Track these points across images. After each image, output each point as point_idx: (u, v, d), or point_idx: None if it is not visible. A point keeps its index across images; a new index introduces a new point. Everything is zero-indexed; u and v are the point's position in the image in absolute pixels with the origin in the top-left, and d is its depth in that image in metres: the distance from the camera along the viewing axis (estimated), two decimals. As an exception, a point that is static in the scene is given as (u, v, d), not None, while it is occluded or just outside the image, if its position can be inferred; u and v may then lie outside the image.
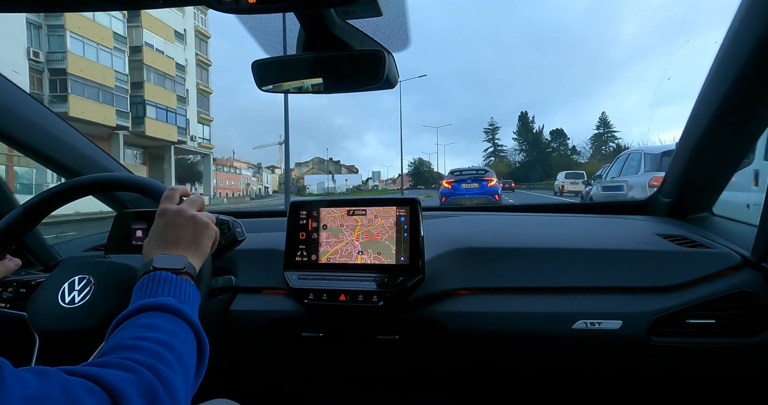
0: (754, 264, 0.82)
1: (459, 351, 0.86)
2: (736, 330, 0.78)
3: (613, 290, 0.83)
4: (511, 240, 0.94)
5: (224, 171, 48.05)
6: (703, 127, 0.90)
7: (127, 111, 21.98)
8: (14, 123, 0.91)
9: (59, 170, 1.04)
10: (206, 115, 30.07)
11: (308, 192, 61.01)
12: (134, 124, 22.67)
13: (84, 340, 0.61)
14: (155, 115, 24.01)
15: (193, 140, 27.71)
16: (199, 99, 29.16)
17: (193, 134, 27.55)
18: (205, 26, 29.91)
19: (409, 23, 0.72)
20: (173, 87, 25.74)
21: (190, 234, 0.60)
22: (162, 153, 26.04)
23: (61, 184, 0.74)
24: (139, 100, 23.08)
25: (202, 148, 29.14)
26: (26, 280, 0.78)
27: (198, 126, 28.60)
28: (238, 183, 50.31)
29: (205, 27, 29.92)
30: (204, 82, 30.21)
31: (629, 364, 0.83)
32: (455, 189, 9.54)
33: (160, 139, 24.47)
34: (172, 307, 0.49)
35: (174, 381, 0.40)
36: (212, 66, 30.95)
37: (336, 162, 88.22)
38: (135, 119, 22.79)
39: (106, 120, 20.44)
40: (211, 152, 30.30)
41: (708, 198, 1.09)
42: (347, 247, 0.87)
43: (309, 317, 0.87)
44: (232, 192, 45.43)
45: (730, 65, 0.78)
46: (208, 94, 30.87)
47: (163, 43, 24.66)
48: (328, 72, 0.72)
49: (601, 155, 58.12)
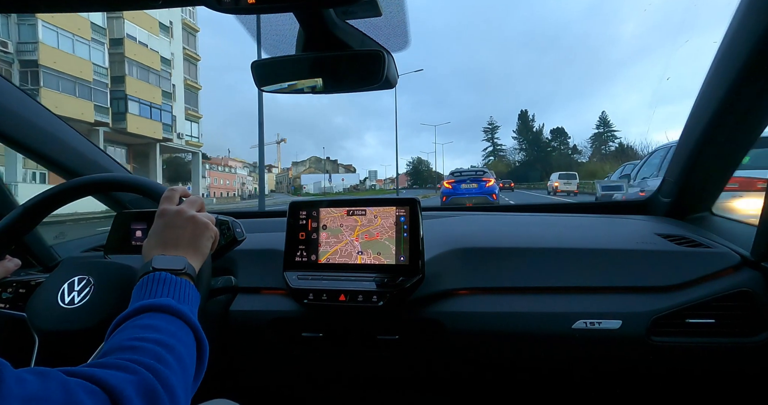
0: (754, 264, 0.82)
1: (459, 351, 0.86)
2: (736, 330, 0.78)
3: (613, 290, 0.83)
4: (510, 240, 0.94)
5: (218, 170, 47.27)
6: (702, 126, 0.90)
7: (106, 106, 20.42)
8: (14, 123, 0.91)
9: (59, 170, 1.03)
10: (195, 112, 28.42)
11: (305, 192, 60.31)
12: (115, 121, 21.15)
13: (83, 340, 0.61)
14: (138, 110, 22.34)
15: (181, 138, 26.04)
16: (187, 95, 27.63)
17: (180, 131, 25.96)
18: (193, 19, 28.44)
19: (409, 23, 0.72)
20: (158, 82, 23.99)
21: (189, 234, 0.60)
22: (147, 151, 24.42)
23: (60, 185, 0.74)
24: (120, 95, 21.48)
25: (190, 146, 27.34)
26: (26, 280, 0.78)
27: (186, 123, 26.99)
28: (232, 182, 49.93)
29: (193, 20, 28.40)
30: (192, 78, 28.45)
31: (629, 364, 0.83)
32: (455, 189, 9.96)
33: (143, 137, 22.98)
34: (171, 308, 0.49)
35: (174, 382, 0.40)
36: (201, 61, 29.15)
37: (333, 161, 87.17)
38: (116, 115, 21.30)
39: (83, 115, 18.75)
40: (200, 151, 28.57)
41: (707, 198, 1.09)
42: (347, 248, 0.87)
43: (309, 317, 0.87)
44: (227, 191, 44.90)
45: (730, 65, 0.78)
46: (197, 90, 29.13)
47: (147, 36, 23.14)
48: (328, 72, 0.72)
49: (601, 155, 58.02)
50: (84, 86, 19.32)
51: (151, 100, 23.32)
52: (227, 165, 52.24)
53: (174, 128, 25.32)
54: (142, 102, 22.63)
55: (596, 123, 64.75)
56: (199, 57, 28.99)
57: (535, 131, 70.41)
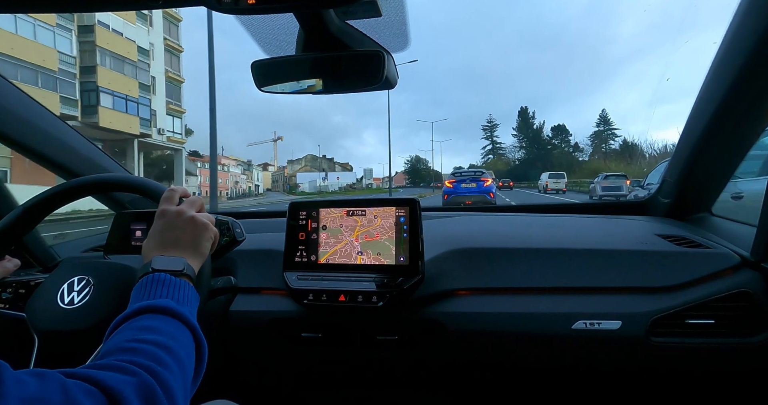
0: (754, 264, 0.82)
1: (458, 351, 0.86)
2: (736, 330, 0.78)
3: (613, 290, 0.83)
4: (510, 240, 0.94)
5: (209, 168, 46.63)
6: (702, 127, 0.90)
7: (75, 98, 18.58)
8: (14, 124, 0.91)
9: (59, 171, 1.03)
10: (177, 107, 25.86)
11: (300, 191, 59.36)
12: (85, 114, 19.08)
13: (83, 340, 0.61)
14: (112, 104, 19.94)
15: (161, 134, 23.62)
16: (169, 88, 25.12)
17: (160, 127, 23.54)
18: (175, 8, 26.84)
19: (409, 23, 0.72)
20: (134, 73, 21.53)
21: (189, 235, 0.60)
22: (124, 147, 22.14)
23: (60, 185, 0.74)
24: (91, 86, 19.06)
25: (171, 143, 24.92)
26: (25, 280, 0.78)
27: (167, 118, 24.57)
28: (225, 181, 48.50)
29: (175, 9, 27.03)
30: (175, 70, 25.85)
31: (628, 365, 0.83)
32: (456, 188, 10.99)
33: (118, 132, 20.62)
34: (170, 310, 0.49)
35: (172, 383, 0.40)
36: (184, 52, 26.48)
37: (330, 159, 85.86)
38: (86, 108, 19.22)
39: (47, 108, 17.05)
40: (183, 147, 26.23)
41: (707, 198, 1.09)
42: (347, 248, 0.87)
43: (308, 318, 0.87)
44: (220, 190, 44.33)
45: (729, 66, 0.78)
46: (180, 84, 26.53)
47: (122, 24, 20.95)
48: (328, 72, 0.72)
49: (602, 153, 57.81)
50: (48, 76, 17.43)
51: (127, 93, 20.94)
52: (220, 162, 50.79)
53: (153, 123, 22.99)
54: (116, 95, 20.25)
55: (596, 121, 64.50)
56: (182, 48, 26.68)
57: (536, 128, 69.64)
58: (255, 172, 64.16)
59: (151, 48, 23.19)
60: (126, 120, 20.75)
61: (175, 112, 25.80)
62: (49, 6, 0.70)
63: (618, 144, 57.92)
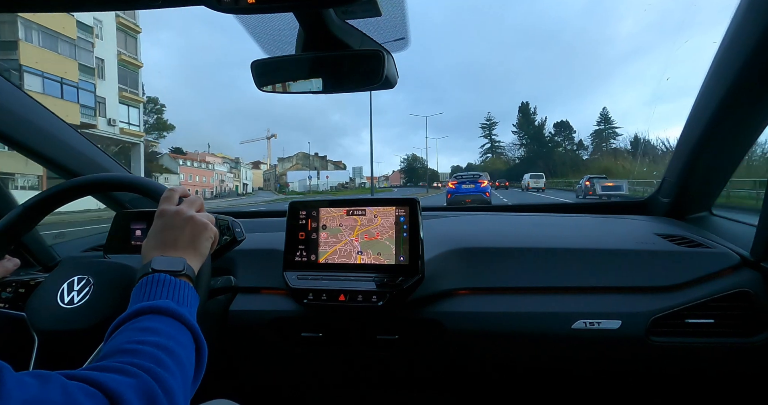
0: (753, 264, 0.82)
1: (458, 351, 0.86)
2: (735, 330, 0.78)
3: (613, 290, 0.84)
4: (510, 240, 0.94)
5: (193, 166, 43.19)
6: (702, 127, 0.90)
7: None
8: (13, 123, 0.90)
9: (59, 170, 1.03)
10: (134, 95, 22.40)
11: (290, 190, 57.05)
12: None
13: (83, 340, 0.61)
14: (41, 87, 16.28)
15: (112, 124, 20.07)
16: (124, 73, 21.60)
17: (111, 117, 20.02)
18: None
19: (409, 23, 0.72)
20: (74, 53, 17.85)
21: (188, 235, 0.60)
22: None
23: (60, 184, 0.74)
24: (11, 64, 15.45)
25: (126, 136, 21.17)
26: (25, 280, 0.78)
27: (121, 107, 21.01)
28: (210, 179, 46.11)
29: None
30: (131, 53, 22.29)
31: (628, 364, 0.83)
32: (458, 188, 13.42)
33: None
34: (170, 311, 0.49)
35: (173, 385, 0.40)
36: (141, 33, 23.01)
37: (322, 157, 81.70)
38: None
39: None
40: (141, 141, 22.67)
41: (707, 198, 1.09)
42: (346, 247, 0.87)
43: (308, 317, 0.87)
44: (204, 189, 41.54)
45: (729, 65, 0.78)
46: (137, 68, 22.96)
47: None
48: (328, 72, 0.72)
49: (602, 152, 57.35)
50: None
51: (63, 75, 17.29)
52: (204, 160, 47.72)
53: (99, 112, 19.35)
54: (47, 76, 16.64)
55: (597, 119, 63.51)
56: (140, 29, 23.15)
57: (537, 125, 66.35)
58: (243, 170, 61.34)
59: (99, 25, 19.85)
60: (62, 107, 16.55)
61: (130, 100, 22.23)
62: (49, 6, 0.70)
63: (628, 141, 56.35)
